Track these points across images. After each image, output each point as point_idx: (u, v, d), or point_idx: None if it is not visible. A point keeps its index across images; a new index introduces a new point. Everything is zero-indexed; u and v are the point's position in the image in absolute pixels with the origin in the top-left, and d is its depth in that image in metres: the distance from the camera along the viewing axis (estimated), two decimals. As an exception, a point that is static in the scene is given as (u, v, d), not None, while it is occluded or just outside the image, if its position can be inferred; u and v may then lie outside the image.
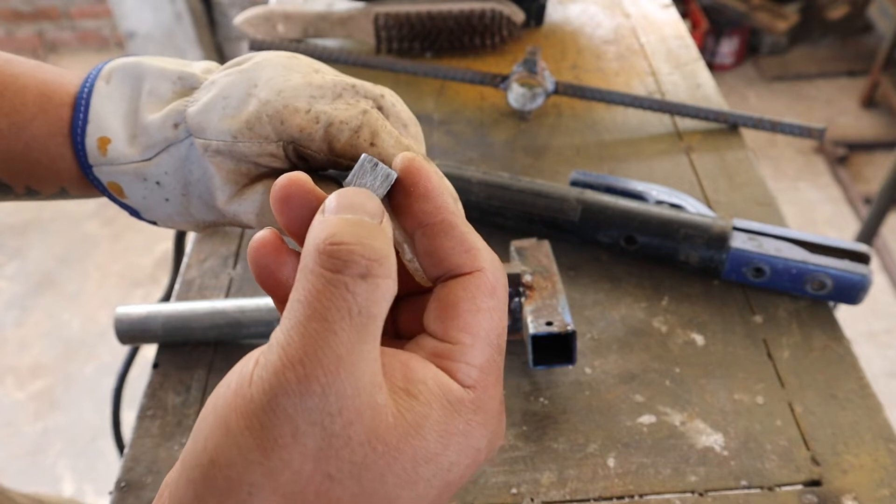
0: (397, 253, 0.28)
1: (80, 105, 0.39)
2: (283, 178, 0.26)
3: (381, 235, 0.23)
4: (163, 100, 0.39)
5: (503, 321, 0.26)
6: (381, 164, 0.27)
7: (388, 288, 0.23)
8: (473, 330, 0.25)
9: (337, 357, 0.21)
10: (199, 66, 0.41)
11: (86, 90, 0.40)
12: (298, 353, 0.21)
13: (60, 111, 0.39)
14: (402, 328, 0.30)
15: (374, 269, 0.22)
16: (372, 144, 0.35)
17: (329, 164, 0.37)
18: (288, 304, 0.23)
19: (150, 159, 0.38)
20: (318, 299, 0.21)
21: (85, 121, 0.39)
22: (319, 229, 0.23)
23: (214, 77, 0.39)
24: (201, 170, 0.39)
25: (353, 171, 0.27)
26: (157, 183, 0.39)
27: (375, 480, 0.22)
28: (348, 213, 0.24)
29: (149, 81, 0.40)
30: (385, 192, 0.27)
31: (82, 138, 0.39)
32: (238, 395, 0.22)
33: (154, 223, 0.43)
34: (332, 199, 0.24)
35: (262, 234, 0.26)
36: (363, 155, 0.27)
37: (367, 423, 0.22)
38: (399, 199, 0.27)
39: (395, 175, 0.27)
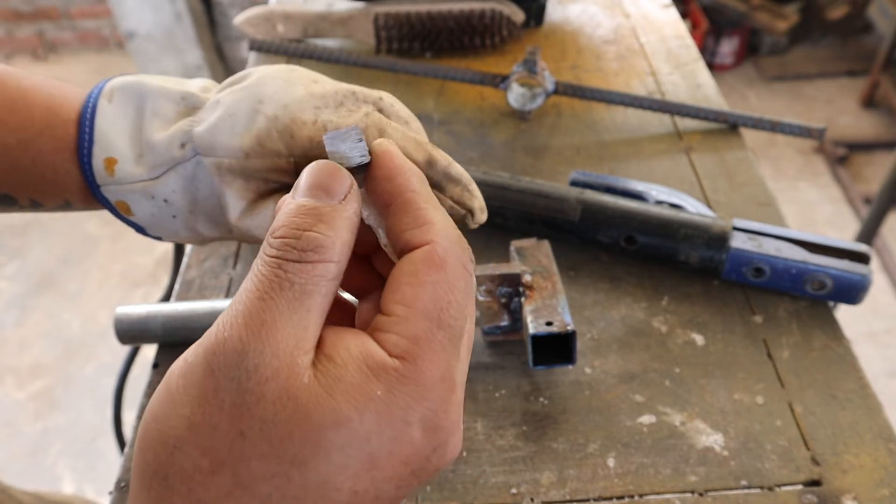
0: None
1: (85, 124, 0.40)
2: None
3: (329, 219, 0.25)
4: (167, 119, 0.40)
5: (452, 295, 0.25)
6: (363, 141, 0.28)
7: (325, 269, 0.24)
8: (409, 302, 0.24)
9: (261, 321, 0.22)
10: (197, 85, 0.42)
11: (89, 109, 0.40)
12: (230, 319, 0.23)
13: (67, 127, 0.40)
14: None
15: (308, 256, 0.24)
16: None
17: None
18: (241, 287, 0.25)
19: (157, 178, 0.39)
20: (258, 279, 0.24)
21: (91, 141, 0.39)
22: (276, 220, 0.25)
23: (218, 96, 0.40)
24: (209, 187, 0.39)
25: (337, 132, 0.28)
26: (165, 201, 0.40)
27: (284, 440, 0.22)
28: (311, 196, 0.25)
29: (151, 101, 0.40)
30: (357, 165, 0.28)
31: (89, 159, 0.39)
32: (181, 360, 0.24)
33: (159, 238, 0.43)
34: (303, 179, 0.26)
35: None
36: (353, 126, 0.28)
37: (281, 382, 0.22)
38: (370, 183, 0.28)
39: (368, 157, 0.28)
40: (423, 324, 0.24)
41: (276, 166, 0.38)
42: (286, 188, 0.38)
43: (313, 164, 0.26)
